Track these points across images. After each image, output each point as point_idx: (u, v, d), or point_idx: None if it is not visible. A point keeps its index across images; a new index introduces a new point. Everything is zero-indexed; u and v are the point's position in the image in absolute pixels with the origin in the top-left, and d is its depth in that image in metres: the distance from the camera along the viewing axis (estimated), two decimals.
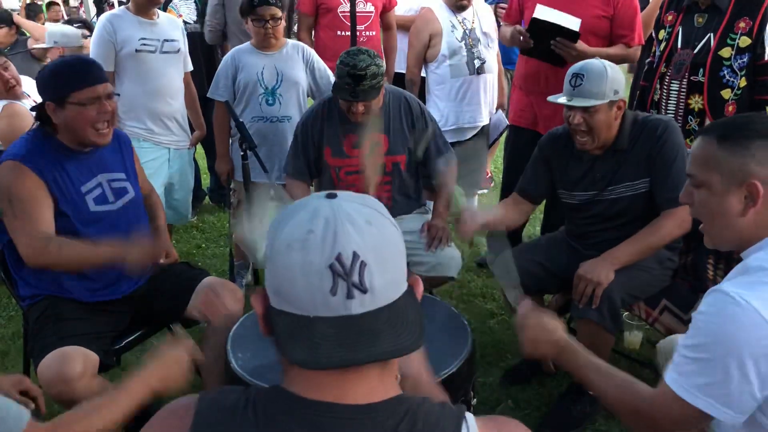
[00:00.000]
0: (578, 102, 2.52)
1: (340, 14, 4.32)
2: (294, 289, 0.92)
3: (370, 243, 0.92)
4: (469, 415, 1.00)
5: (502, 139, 5.71)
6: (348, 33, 4.24)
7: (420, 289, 1.04)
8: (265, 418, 0.94)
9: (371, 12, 4.39)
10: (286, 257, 0.93)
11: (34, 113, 2.43)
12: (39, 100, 2.44)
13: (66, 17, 8.13)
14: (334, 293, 0.90)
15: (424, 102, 4.02)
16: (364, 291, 0.91)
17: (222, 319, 2.45)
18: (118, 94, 2.47)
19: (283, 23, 3.56)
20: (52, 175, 2.32)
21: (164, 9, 4.61)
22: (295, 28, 5.07)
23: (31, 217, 2.27)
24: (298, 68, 3.62)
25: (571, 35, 3.22)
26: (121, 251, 2.29)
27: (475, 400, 2.20)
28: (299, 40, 4.22)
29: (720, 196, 1.48)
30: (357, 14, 4.25)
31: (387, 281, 0.94)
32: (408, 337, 0.94)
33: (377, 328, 0.92)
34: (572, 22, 3.25)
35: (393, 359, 0.99)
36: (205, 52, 4.87)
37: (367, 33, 4.41)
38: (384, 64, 2.91)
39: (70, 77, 2.31)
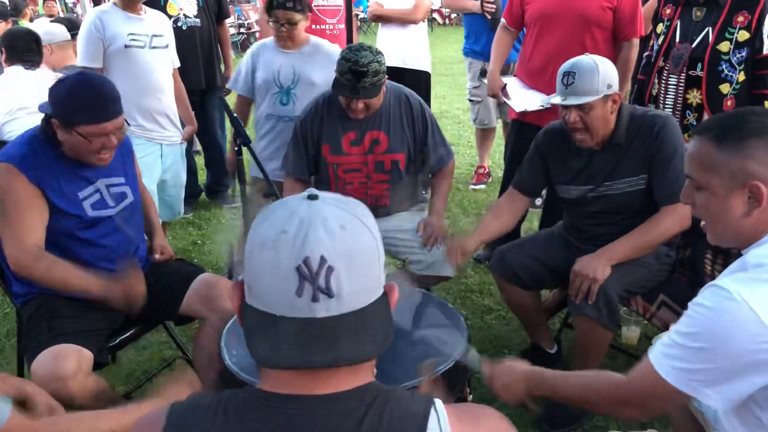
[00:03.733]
0: (572, 100, 2.50)
1: (315, 9, 4.34)
2: (263, 287, 0.95)
3: (340, 248, 0.93)
4: (438, 403, 1.00)
5: (499, 133, 5.74)
6: (322, 27, 4.35)
7: (395, 297, 1.04)
8: (235, 417, 0.95)
9: (340, 5, 4.41)
10: (258, 255, 0.95)
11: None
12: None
13: (61, 13, 8.09)
14: (300, 295, 0.92)
15: (428, 99, 4.00)
16: (330, 295, 0.92)
17: (217, 316, 2.43)
18: (130, 124, 2.41)
19: (303, 25, 3.48)
20: (48, 182, 2.28)
21: (164, 2, 4.59)
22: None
23: (20, 225, 2.25)
24: (316, 68, 3.50)
25: None
26: (106, 288, 2.28)
27: (471, 396, 2.19)
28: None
29: (722, 198, 1.46)
30: (327, 8, 4.32)
31: (356, 288, 0.95)
32: (369, 345, 0.95)
33: (338, 334, 0.94)
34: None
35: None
36: (204, 46, 4.85)
37: (339, 26, 4.48)
38: (385, 61, 2.89)
39: (84, 109, 2.23)
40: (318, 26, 4.37)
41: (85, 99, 2.25)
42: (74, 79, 2.31)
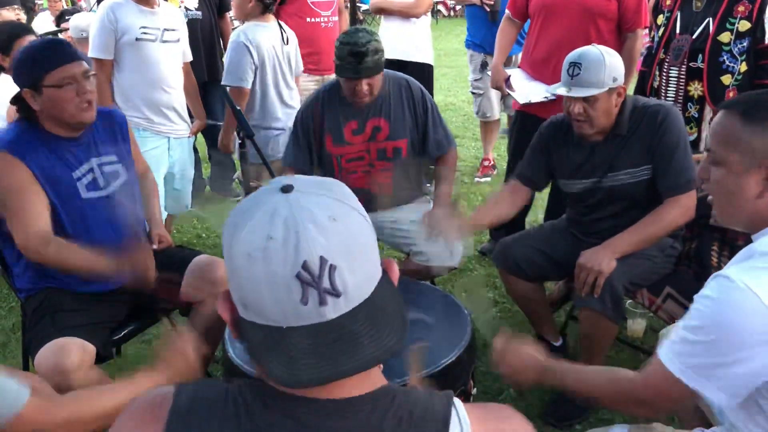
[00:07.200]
0: (577, 92, 2.49)
1: (309, 2, 4.42)
2: (262, 301, 0.87)
3: (336, 243, 0.86)
4: (458, 402, 0.96)
5: (503, 125, 5.73)
6: (317, 19, 4.40)
7: (395, 271, 0.98)
8: (246, 411, 0.91)
9: None
10: (247, 269, 0.87)
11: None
12: None
13: (65, 7, 8.09)
14: (305, 302, 0.85)
15: (430, 92, 3.99)
16: (337, 295, 0.86)
17: (214, 298, 2.42)
18: (95, 73, 2.42)
19: None
20: (41, 165, 2.29)
21: None
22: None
23: (25, 210, 2.25)
24: None
25: None
26: (115, 266, 2.29)
27: (475, 389, 2.19)
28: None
29: (738, 175, 1.43)
30: (321, 0, 4.42)
31: (359, 279, 0.88)
32: (390, 335, 0.89)
33: (356, 331, 0.87)
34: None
35: None
36: (205, 39, 4.86)
37: (333, 18, 4.56)
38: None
39: (40, 59, 2.26)
40: (313, 19, 4.43)
41: (38, 51, 2.29)
42: (22, 47, 2.37)
